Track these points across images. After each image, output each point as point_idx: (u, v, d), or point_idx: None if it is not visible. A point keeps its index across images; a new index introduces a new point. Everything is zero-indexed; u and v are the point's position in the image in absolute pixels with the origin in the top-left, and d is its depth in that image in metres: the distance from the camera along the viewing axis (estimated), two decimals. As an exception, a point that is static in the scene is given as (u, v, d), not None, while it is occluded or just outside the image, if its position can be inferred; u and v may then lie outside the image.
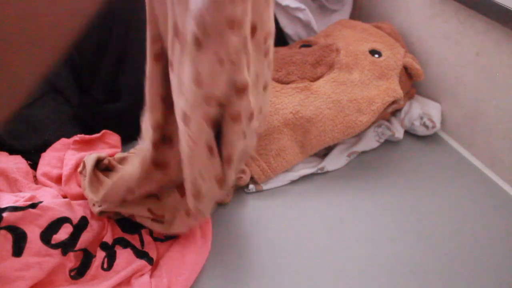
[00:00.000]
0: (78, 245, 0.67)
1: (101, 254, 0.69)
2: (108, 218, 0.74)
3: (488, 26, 0.86)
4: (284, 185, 0.87)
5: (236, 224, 0.79)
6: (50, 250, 0.63)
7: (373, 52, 0.96)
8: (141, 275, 0.66)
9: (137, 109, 0.96)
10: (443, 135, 1.01)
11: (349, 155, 0.92)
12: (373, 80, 0.93)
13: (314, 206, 0.83)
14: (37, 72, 0.24)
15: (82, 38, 0.92)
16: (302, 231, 0.78)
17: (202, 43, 0.48)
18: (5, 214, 0.62)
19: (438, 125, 0.97)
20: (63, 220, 0.67)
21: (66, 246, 0.65)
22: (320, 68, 0.93)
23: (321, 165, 0.89)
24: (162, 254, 0.71)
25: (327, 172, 0.90)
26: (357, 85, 0.91)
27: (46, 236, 0.64)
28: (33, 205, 0.65)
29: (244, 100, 0.53)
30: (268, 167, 0.85)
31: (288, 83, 0.90)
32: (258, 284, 0.70)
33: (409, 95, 1.02)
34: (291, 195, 0.85)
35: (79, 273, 0.66)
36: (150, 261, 0.68)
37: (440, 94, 1.01)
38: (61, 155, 0.83)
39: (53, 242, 0.64)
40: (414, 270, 0.72)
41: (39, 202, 0.66)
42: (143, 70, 1.01)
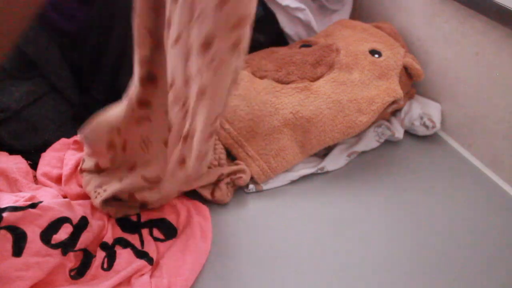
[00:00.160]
0: (78, 245, 0.67)
1: (101, 254, 0.69)
2: (109, 217, 0.74)
3: (488, 26, 0.86)
4: (284, 185, 0.87)
5: (236, 224, 0.79)
6: (50, 250, 0.63)
7: (373, 52, 0.96)
8: (141, 275, 0.66)
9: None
10: (443, 135, 1.01)
11: (349, 155, 0.92)
12: (373, 80, 0.93)
13: (314, 206, 0.83)
14: None
15: (82, 38, 0.93)
16: (302, 231, 0.78)
17: None
18: (5, 214, 0.62)
19: (438, 125, 0.97)
20: (63, 220, 0.67)
21: (66, 246, 0.65)
22: (320, 68, 0.93)
23: (321, 165, 0.89)
24: (162, 254, 0.71)
25: (327, 172, 0.90)
26: (357, 85, 0.91)
27: (46, 236, 0.64)
28: (33, 205, 0.65)
29: None
30: (268, 167, 0.85)
31: (288, 83, 0.90)
32: (258, 284, 0.70)
33: (409, 95, 1.02)
34: (291, 195, 0.85)
35: (79, 273, 0.66)
36: (150, 261, 0.68)
37: (440, 94, 1.01)
38: (61, 155, 0.83)
39: (53, 242, 0.64)
40: (414, 270, 0.72)
41: (39, 202, 0.66)
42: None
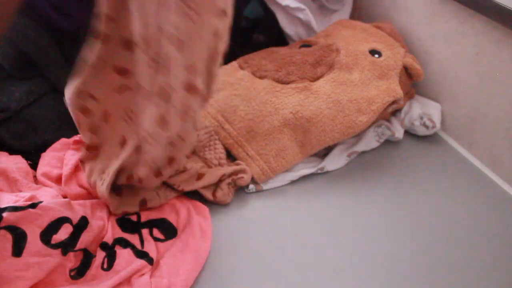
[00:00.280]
0: (78, 245, 0.67)
1: (101, 254, 0.69)
2: (109, 214, 0.74)
3: (488, 26, 0.86)
4: (284, 185, 0.87)
5: (236, 224, 0.79)
6: (50, 250, 0.63)
7: (373, 52, 0.96)
8: (141, 275, 0.66)
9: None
10: (443, 135, 1.01)
11: (349, 155, 0.92)
12: (373, 80, 0.93)
13: (314, 206, 0.83)
14: None
15: (82, 38, 0.93)
16: (302, 231, 0.78)
17: None
18: (5, 214, 0.62)
19: (438, 125, 0.97)
20: (63, 220, 0.67)
21: (66, 246, 0.65)
22: (320, 68, 0.93)
23: (321, 165, 0.89)
24: (162, 254, 0.71)
25: (327, 172, 0.90)
26: (357, 85, 0.91)
27: (46, 236, 0.64)
28: (33, 205, 0.65)
29: None
30: (268, 167, 0.85)
31: (288, 83, 0.90)
32: (258, 284, 0.70)
33: (409, 95, 1.02)
34: (291, 195, 0.85)
35: (79, 273, 0.66)
36: (150, 261, 0.68)
37: (440, 94, 1.01)
38: (61, 155, 0.83)
39: (53, 242, 0.64)
40: (414, 269, 0.72)
41: (39, 202, 0.66)
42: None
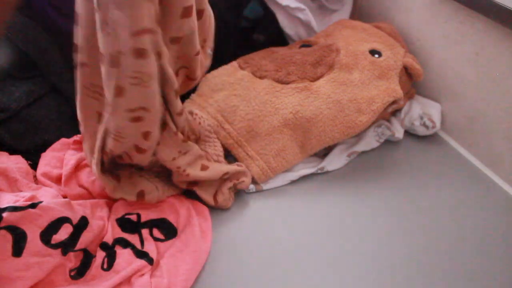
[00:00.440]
0: (78, 245, 0.67)
1: (101, 254, 0.69)
2: (111, 215, 0.74)
3: (488, 26, 0.86)
4: (284, 185, 0.87)
5: (236, 224, 0.79)
6: (50, 250, 0.63)
7: (373, 52, 0.96)
8: (141, 275, 0.66)
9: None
10: (443, 135, 1.01)
11: (349, 155, 0.92)
12: (373, 80, 0.93)
13: (314, 206, 0.83)
14: None
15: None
16: (302, 231, 0.78)
17: None
18: (5, 214, 0.62)
19: (438, 125, 0.97)
20: (63, 220, 0.67)
21: (66, 246, 0.65)
22: (320, 68, 0.93)
23: (321, 165, 0.89)
24: (162, 254, 0.71)
25: (327, 172, 0.90)
26: (357, 85, 0.91)
27: (46, 236, 0.64)
28: (33, 205, 0.65)
29: None
30: (268, 167, 0.85)
31: (288, 83, 0.90)
32: (258, 284, 0.70)
33: (409, 95, 1.02)
34: (291, 195, 0.85)
35: (79, 273, 0.66)
36: (150, 261, 0.68)
37: (440, 94, 1.01)
38: (61, 155, 0.83)
39: (53, 242, 0.64)
40: (414, 269, 0.72)
41: (39, 202, 0.66)
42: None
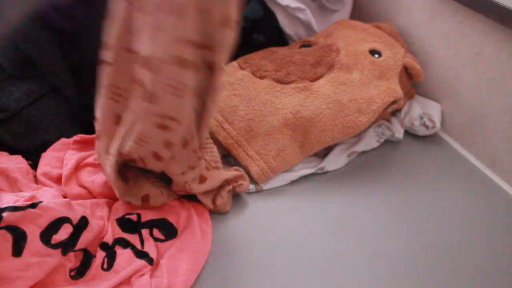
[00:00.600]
0: (78, 245, 0.67)
1: (101, 254, 0.69)
2: (111, 215, 0.74)
3: (488, 26, 0.86)
4: (284, 185, 0.87)
5: (236, 224, 0.79)
6: (50, 250, 0.63)
7: (373, 52, 0.96)
8: (141, 275, 0.66)
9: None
10: (443, 135, 1.01)
11: (349, 155, 0.92)
12: (373, 80, 0.93)
13: (314, 206, 0.83)
14: None
15: (82, 38, 0.93)
16: (302, 231, 0.78)
17: None
18: (5, 214, 0.62)
19: (438, 125, 0.97)
20: (63, 220, 0.67)
21: (66, 246, 0.65)
22: (320, 68, 0.93)
23: (321, 165, 0.89)
24: (162, 254, 0.71)
25: (327, 172, 0.90)
26: (357, 85, 0.91)
27: (46, 236, 0.64)
28: (33, 205, 0.65)
29: None
30: (268, 167, 0.85)
31: (288, 83, 0.90)
32: (258, 284, 0.70)
33: (409, 95, 1.02)
34: (291, 195, 0.85)
35: (79, 273, 0.66)
36: (150, 261, 0.68)
37: (440, 94, 1.01)
38: (61, 155, 0.83)
39: (53, 242, 0.64)
40: (414, 269, 0.72)
41: (39, 202, 0.66)
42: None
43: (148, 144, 0.67)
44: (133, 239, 0.72)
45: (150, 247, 0.71)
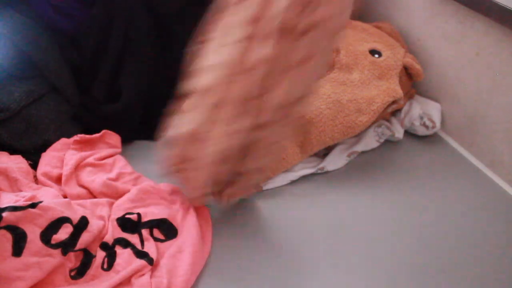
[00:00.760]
0: (78, 245, 0.67)
1: (101, 254, 0.69)
2: (111, 215, 0.74)
3: (488, 26, 0.86)
4: (284, 185, 0.87)
5: (236, 224, 0.79)
6: (50, 250, 0.63)
7: (373, 52, 0.96)
8: (141, 275, 0.66)
9: (137, 109, 0.96)
10: (443, 135, 1.01)
11: (349, 155, 0.92)
12: (373, 80, 0.93)
13: (314, 206, 0.83)
14: None
15: (82, 38, 0.93)
16: (302, 231, 0.78)
17: None
18: (5, 214, 0.62)
19: (438, 125, 0.97)
20: (63, 220, 0.67)
21: (66, 246, 0.65)
22: (320, 68, 0.93)
23: (321, 165, 0.89)
24: (162, 254, 0.71)
25: (327, 172, 0.90)
26: (357, 85, 0.91)
27: (46, 236, 0.64)
28: (33, 205, 0.65)
29: None
30: (268, 167, 0.85)
31: (288, 83, 0.90)
32: (258, 284, 0.70)
33: (409, 95, 1.02)
34: (291, 195, 0.85)
35: (79, 273, 0.66)
36: (150, 261, 0.68)
37: (440, 94, 1.01)
38: (61, 155, 0.83)
39: (53, 242, 0.64)
40: (414, 269, 0.72)
41: (39, 202, 0.66)
42: (143, 71, 1.01)
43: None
44: (133, 239, 0.72)
45: (150, 247, 0.71)
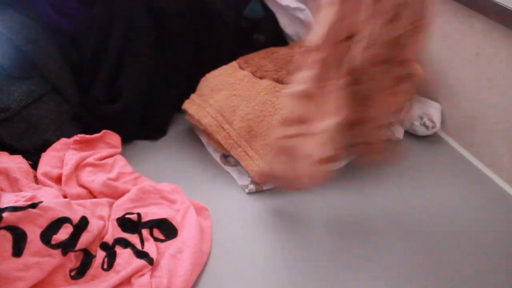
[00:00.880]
0: (78, 245, 0.67)
1: (101, 254, 0.69)
2: (111, 214, 0.74)
3: (488, 26, 0.86)
4: (284, 185, 0.87)
5: (236, 224, 0.79)
6: (50, 250, 0.63)
7: (373, 52, 0.96)
8: (141, 275, 0.66)
9: (137, 109, 0.96)
10: (443, 135, 1.01)
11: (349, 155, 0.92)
12: (373, 80, 0.92)
13: (314, 206, 0.83)
14: None
15: (82, 39, 0.93)
16: (302, 231, 0.78)
17: None
18: (5, 214, 0.62)
19: (438, 125, 0.97)
20: (63, 220, 0.67)
21: (66, 246, 0.65)
22: (320, 68, 0.93)
23: (321, 165, 0.89)
24: (162, 254, 0.71)
25: (327, 172, 0.90)
26: (357, 85, 0.91)
27: (46, 236, 0.64)
28: (33, 205, 0.65)
29: None
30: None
31: (288, 83, 0.90)
32: (258, 284, 0.70)
33: (409, 95, 1.02)
34: (291, 195, 0.85)
35: (79, 273, 0.66)
36: (150, 261, 0.68)
37: (440, 94, 1.01)
38: (61, 155, 0.83)
39: (53, 242, 0.64)
40: (414, 268, 0.72)
41: (39, 202, 0.66)
42: (143, 71, 1.01)
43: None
44: (133, 239, 0.72)
45: (150, 247, 0.71)
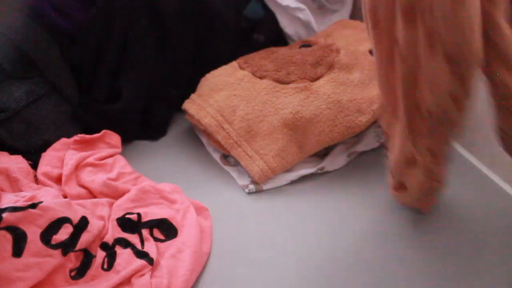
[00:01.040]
0: (78, 245, 0.67)
1: (102, 254, 0.69)
2: (111, 215, 0.74)
3: (488, 26, 0.85)
4: (284, 185, 0.87)
5: (237, 224, 0.79)
6: (50, 251, 0.63)
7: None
8: (141, 275, 0.66)
9: (137, 109, 0.96)
10: (443, 135, 1.01)
11: (349, 155, 0.92)
12: (373, 80, 0.92)
13: (314, 206, 0.83)
14: None
15: (82, 39, 0.93)
16: (302, 231, 0.78)
17: None
18: (5, 215, 0.62)
19: (438, 125, 0.97)
20: (63, 220, 0.67)
21: (66, 246, 0.65)
22: (320, 68, 0.93)
23: (321, 165, 0.89)
24: (162, 254, 0.71)
25: (327, 172, 0.90)
26: (357, 85, 0.91)
27: (46, 236, 0.64)
28: (33, 205, 0.65)
29: None
30: (268, 167, 0.85)
31: (288, 83, 0.90)
32: (258, 284, 0.70)
33: (409, 95, 1.02)
34: (291, 195, 0.85)
35: (80, 273, 0.66)
36: (150, 261, 0.68)
37: (440, 94, 1.01)
38: (61, 155, 0.83)
39: (53, 243, 0.64)
40: (414, 268, 0.72)
41: (39, 202, 0.66)
42: (143, 71, 1.01)
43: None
44: (134, 239, 0.72)
45: (150, 247, 0.71)
